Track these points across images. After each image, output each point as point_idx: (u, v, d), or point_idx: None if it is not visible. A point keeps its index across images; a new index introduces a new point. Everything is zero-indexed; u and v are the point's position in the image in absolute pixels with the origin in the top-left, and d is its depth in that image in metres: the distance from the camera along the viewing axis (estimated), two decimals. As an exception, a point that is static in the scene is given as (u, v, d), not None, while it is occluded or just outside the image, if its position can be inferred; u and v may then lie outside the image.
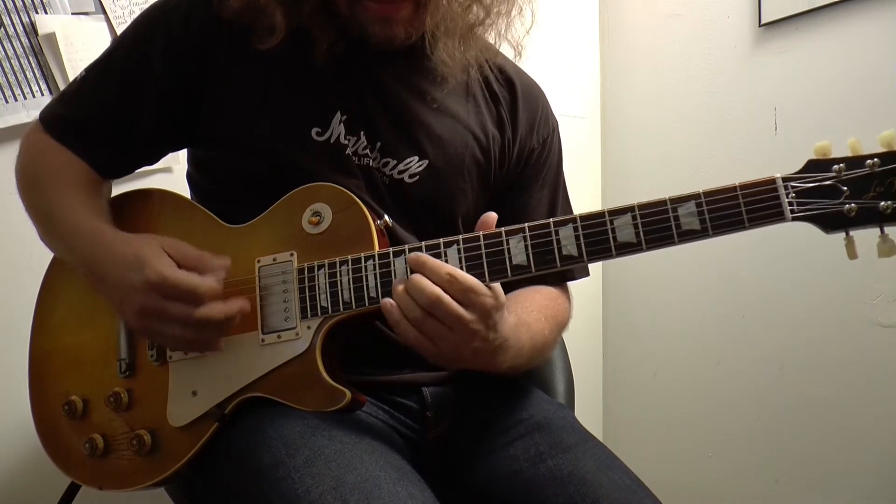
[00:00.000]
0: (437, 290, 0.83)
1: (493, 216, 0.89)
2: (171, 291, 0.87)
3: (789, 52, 1.78)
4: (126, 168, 1.09)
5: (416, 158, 1.03)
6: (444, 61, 1.01)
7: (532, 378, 1.24)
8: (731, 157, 1.91)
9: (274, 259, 0.95)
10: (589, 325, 2.25)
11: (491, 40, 1.07)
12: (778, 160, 0.84)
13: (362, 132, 1.01)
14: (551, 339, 1.06)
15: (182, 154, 1.28)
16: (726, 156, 1.92)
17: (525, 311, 1.00)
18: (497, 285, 0.87)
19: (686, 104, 2.03)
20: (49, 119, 1.06)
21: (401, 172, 1.03)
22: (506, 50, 1.11)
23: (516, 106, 1.13)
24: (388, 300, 0.86)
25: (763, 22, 1.81)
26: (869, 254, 0.81)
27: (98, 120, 1.03)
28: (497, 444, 1.02)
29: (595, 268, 2.21)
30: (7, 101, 1.46)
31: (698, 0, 1.99)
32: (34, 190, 1.03)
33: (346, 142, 1.00)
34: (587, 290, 2.22)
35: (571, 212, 1.16)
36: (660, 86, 2.10)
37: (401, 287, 0.85)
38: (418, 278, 0.84)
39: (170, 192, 1.06)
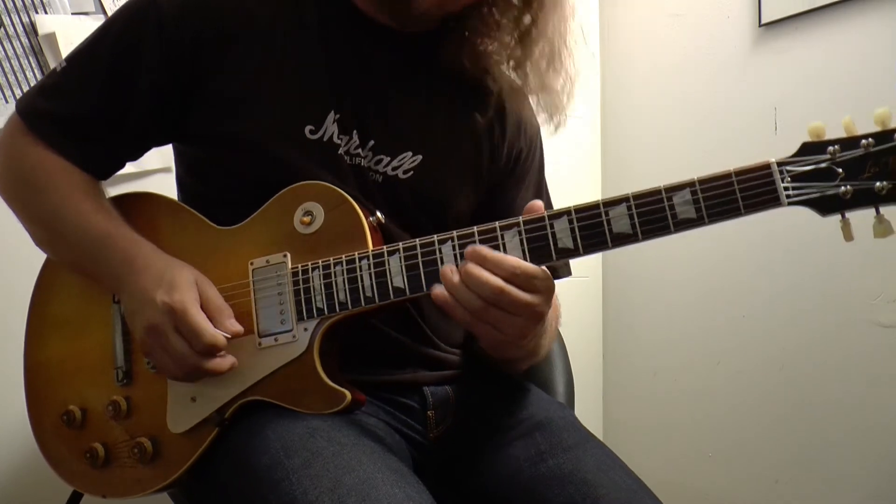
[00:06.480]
0: (501, 283, 0.81)
1: (538, 203, 0.86)
2: (183, 327, 0.87)
3: (789, 52, 1.78)
4: (114, 166, 1.05)
5: (410, 154, 1.02)
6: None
7: (532, 378, 1.24)
8: (730, 157, 1.87)
9: (267, 261, 0.93)
10: (589, 325, 2.25)
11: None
12: (778, 160, 0.84)
13: (355, 131, 0.99)
14: (553, 330, 1.06)
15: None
16: (726, 155, 1.90)
17: None
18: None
19: (686, 104, 2.02)
20: (32, 116, 0.99)
21: (395, 169, 1.01)
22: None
23: (503, 105, 1.11)
24: (439, 290, 0.83)
25: (763, 22, 1.81)
26: (868, 254, 0.81)
27: (85, 116, 0.98)
28: (498, 443, 1.02)
29: (595, 267, 2.23)
30: (7, 101, 1.46)
31: (698, 0, 1.99)
32: (31, 195, 1.00)
33: (339, 141, 0.98)
34: (587, 290, 2.22)
35: None
36: (659, 86, 2.10)
37: (456, 279, 0.82)
38: (478, 271, 0.81)
39: (160, 196, 1.04)
